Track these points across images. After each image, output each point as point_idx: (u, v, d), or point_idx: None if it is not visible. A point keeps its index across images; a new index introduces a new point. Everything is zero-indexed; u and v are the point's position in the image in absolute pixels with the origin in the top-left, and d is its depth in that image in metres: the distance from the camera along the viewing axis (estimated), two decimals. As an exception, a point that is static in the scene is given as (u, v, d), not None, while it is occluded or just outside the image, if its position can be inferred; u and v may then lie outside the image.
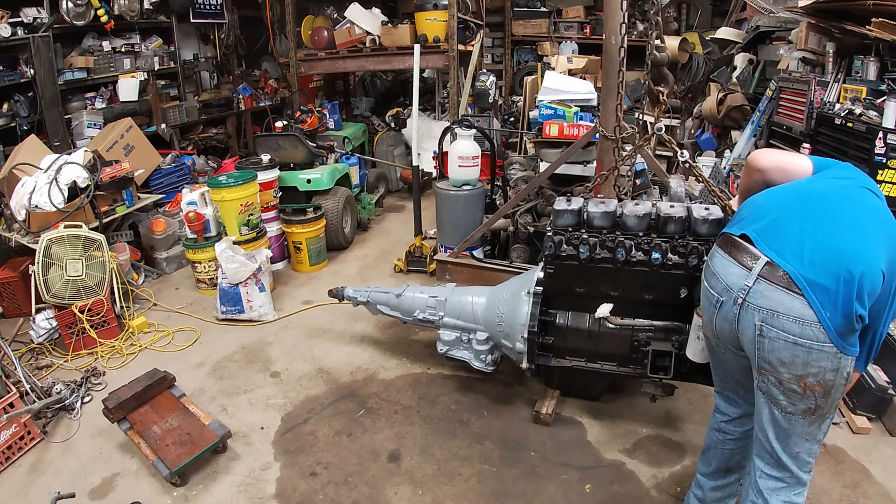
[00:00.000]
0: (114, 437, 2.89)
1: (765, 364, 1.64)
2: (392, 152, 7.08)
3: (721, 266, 1.75)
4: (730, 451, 2.07)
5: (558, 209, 2.55)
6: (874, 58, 3.88)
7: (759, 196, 1.82)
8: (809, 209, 1.65)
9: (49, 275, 3.69)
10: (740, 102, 5.43)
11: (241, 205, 4.29)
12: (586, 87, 4.32)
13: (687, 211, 2.41)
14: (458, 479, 2.63)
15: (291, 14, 6.23)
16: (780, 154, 1.90)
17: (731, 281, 1.70)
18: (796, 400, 1.63)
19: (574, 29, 8.39)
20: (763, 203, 1.77)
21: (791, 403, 1.64)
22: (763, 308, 1.61)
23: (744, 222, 1.76)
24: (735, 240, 1.74)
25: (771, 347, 1.60)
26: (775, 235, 1.65)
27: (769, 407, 1.69)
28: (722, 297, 1.73)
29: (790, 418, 1.66)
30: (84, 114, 5.19)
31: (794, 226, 1.63)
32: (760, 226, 1.69)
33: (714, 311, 1.78)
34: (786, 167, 1.83)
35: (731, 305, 1.69)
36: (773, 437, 1.71)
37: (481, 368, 3.07)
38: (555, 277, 2.63)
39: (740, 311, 1.66)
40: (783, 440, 1.70)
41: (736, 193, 2.16)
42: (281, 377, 3.42)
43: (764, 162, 1.86)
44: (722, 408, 2.08)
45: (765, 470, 1.76)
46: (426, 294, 3.21)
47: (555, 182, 4.14)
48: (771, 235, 1.66)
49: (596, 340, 2.70)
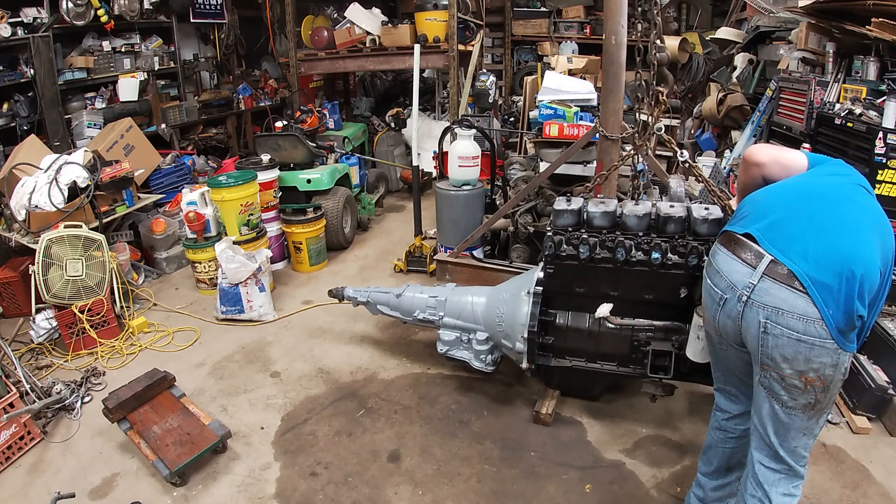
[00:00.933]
0: (114, 437, 2.89)
1: (767, 360, 1.66)
2: (392, 152, 7.08)
3: (725, 264, 1.76)
4: (731, 450, 2.08)
5: (558, 209, 2.55)
6: (874, 58, 3.88)
7: (760, 193, 1.83)
8: (811, 208, 1.68)
9: (49, 275, 3.69)
10: (740, 102, 5.42)
11: (241, 205, 4.29)
12: (586, 87, 4.32)
13: (687, 211, 2.41)
14: (458, 479, 2.63)
15: (291, 14, 6.23)
16: (776, 149, 1.93)
17: (736, 279, 1.71)
18: (797, 395, 1.66)
19: (574, 29, 8.40)
20: (765, 201, 1.79)
21: (792, 398, 1.67)
22: (768, 305, 1.63)
23: (746, 220, 1.78)
24: (738, 238, 1.76)
25: (775, 344, 1.63)
26: (779, 234, 1.67)
27: (770, 402, 1.72)
28: (726, 294, 1.75)
29: (790, 413, 1.69)
30: (84, 114, 5.19)
31: (797, 225, 1.66)
32: (764, 224, 1.71)
33: (717, 309, 1.79)
34: (784, 162, 1.85)
35: (735, 303, 1.71)
36: (772, 431, 1.74)
37: (481, 368, 3.07)
38: (555, 277, 2.63)
39: (745, 308, 1.68)
40: (782, 435, 1.73)
41: (735, 192, 2.17)
42: (281, 377, 3.42)
43: (762, 157, 1.87)
44: (723, 405, 2.09)
45: (763, 462, 1.79)
46: (426, 294, 3.21)
47: (555, 182, 4.14)
48: (775, 234, 1.68)
49: (596, 340, 2.70)
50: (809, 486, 2.49)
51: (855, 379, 2.93)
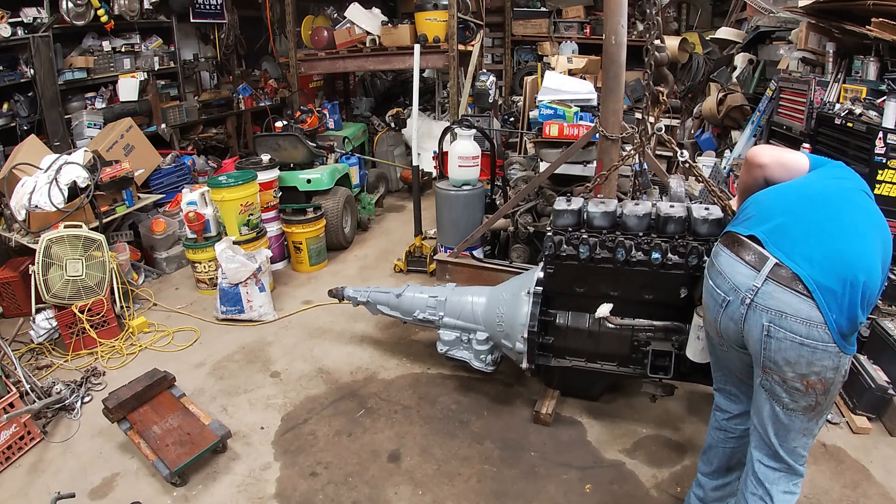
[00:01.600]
0: (114, 437, 2.89)
1: (770, 363, 1.66)
2: (392, 152, 7.08)
3: (728, 265, 1.75)
4: (731, 450, 2.08)
5: (558, 209, 2.55)
6: (874, 58, 3.88)
7: (764, 195, 1.83)
8: (816, 211, 1.68)
9: (49, 275, 3.69)
10: (740, 102, 5.42)
11: (241, 205, 4.29)
12: (586, 87, 4.32)
13: (687, 211, 2.41)
14: (458, 479, 2.63)
15: (291, 14, 6.23)
16: (779, 150, 1.93)
17: (739, 281, 1.70)
18: (798, 397, 1.66)
19: (574, 29, 8.40)
20: (769, 203, 1.78)
21: (793, 401, 1.67)
22: (771, 309, 1.62)
23: (750, 222, 1.77)
24: (742, 239, 1.76)
25: (777, 347, 1.63)
26: (784, 237, 1.67)
27: (770, 403, 1.72)
28: (729, 296, 1.74)
29: (791, 415, 1.69)
30: (84, 114, 5.18)
31: (802, 228, 1.66)
32: (769, 227, 1.71)
33: (719, 310, 1.78)
34: (786, 163, 1.85)
35: (738, 305, 1.70)
36: (773, 432, 1.74)
37: (481, 368, 3.07)
38: (555, 277, 2.63)
39: (748, 311, 1.68)
40: (782, 436, 1.74)
41: (735, 193, 2.17)
42: (281, 377, 3.42)
43: (765, 158, 1.87)
44: (723, 405, 2.09)
45: (763, 461, 1.80)
46: (426, 294, 3.21)
47: (555, 182, 4.14)
48: (780, 237, 1.67)
49: (596, 340, 2.70)
50: (809, 486, 2.50)
51: (855, 379, 2.93)
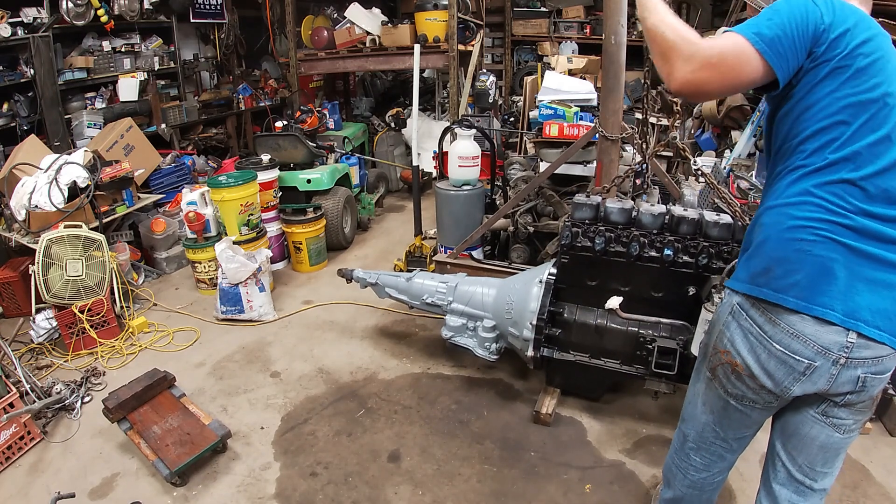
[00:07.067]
0: (114, 437, 2.89)
1: (852, 400, 1.52)
2: (392, 152, 7.08)
3: (807, 326, 1.45)
4: (708, 496, 1.92)
5: (578, 202, 2.67)
6: (874, 58, 3.88)
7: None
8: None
9: (49, 275, 3.69)
10: (740, 102, 5.42)
11: (241, 205, 4.29)
12: (586, 87, 4.32)
13: (699, 215, 2.51)
14: (458, 478, 2.63)
15: (291, 14, 6.22)
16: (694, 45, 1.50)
17: (829, 340, 1.43)
18: (864, 415, 1.57)
19: (574, 29, 8.40)
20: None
21: (857, 422, 1.57)
22: (867, 359, 1.44)
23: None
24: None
25: (871, 390, 1.50)
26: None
27: (828, 431, 1.58)
28: (816, 361, 1.45)
29: (850, 436, 1.59)
30: (84, 114, 5.18)
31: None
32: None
33: (798, 378, 1.49)
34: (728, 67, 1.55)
35: (828, 367, 1.45)
36: (821, 463, 1.61)
37: (484, 357, 3.08)
38: (568, 268, 2.72)
39: (841, 370, 1.45)
40: (831, 462, 1.62)
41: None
42: (281, 377, 3.42)
43: (676, 83, 1.46)
44: (702, 466, 1.82)
45: (793, 501, 1.67)
46: (436, 280, 3.28)
47: (555, 182, 4.14)
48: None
49: (601, 336, 2.75)
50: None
51: (855, 379, 2.92)
